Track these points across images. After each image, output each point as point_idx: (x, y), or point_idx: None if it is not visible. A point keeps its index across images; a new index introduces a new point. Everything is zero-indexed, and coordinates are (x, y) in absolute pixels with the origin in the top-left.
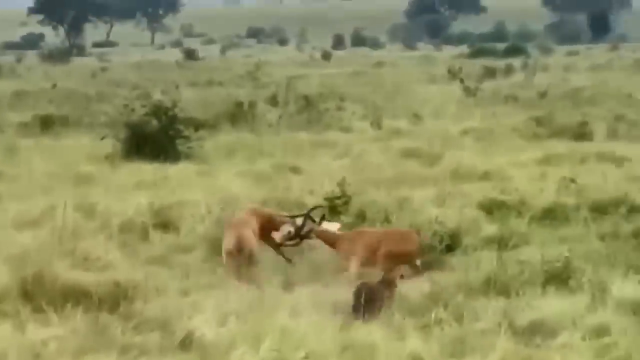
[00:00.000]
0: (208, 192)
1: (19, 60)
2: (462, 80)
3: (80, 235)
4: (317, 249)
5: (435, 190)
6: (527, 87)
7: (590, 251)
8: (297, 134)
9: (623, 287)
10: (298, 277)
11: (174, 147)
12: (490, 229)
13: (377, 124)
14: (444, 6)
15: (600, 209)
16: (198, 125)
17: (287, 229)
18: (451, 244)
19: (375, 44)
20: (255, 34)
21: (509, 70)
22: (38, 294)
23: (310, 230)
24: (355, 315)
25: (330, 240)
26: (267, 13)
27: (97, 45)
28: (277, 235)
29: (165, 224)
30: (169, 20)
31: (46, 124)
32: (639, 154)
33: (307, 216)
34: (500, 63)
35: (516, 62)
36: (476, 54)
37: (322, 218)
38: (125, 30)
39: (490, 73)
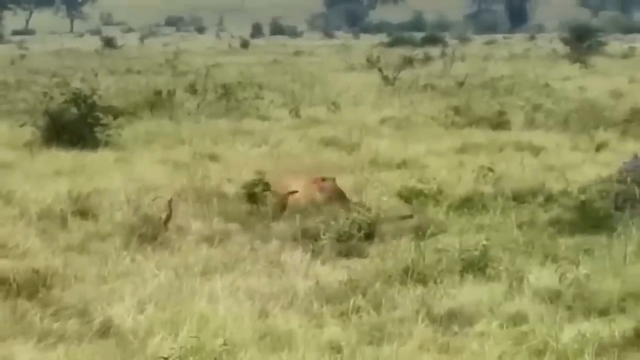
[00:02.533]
0: (126, 180)
1: None
2: (380, 69)
3: None
4: (233, 236)
5: (354, 179)
6: (445, 77)
7: (507, 240)
8: (216, 122)
9: (540, 276)
10: (216, 265)
11: (92, 134)
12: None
13: (295, 113)
14: None
15: (517, 198)
16: (117, 113)
17: None
18: (369, 232)
19: (294, 33)
20: (173, 22)
21: (427, 60)
22: None
23: None
24: None
25: None
26: (185, 2)
27: (16, 32)
28: None
29: (83, 212)
30: (88, 9)
31: None
32: (555, 144)
33: None
34: (418, 52)
35: (434, 51)
36: (394, 43)
37: None
38: (44, 18)
39: (408, 62)
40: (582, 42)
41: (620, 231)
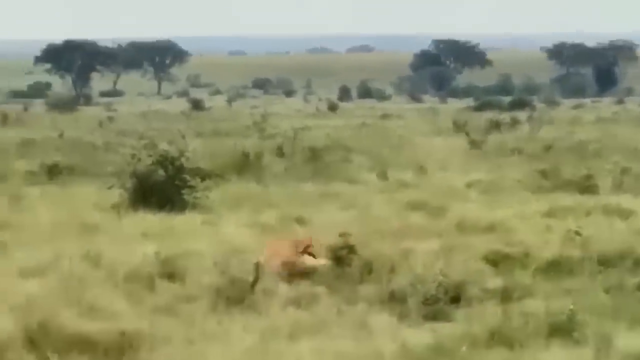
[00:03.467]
0: (213, 243)
1: (25, 108)
2: (467, 133)
3: (87, 284)
4: (320, 299)
5: (440, 243)
6: (532, 140)
7: (594, 304)
8: (303, 185)
9: (627, 340)
10: (302, 328)
11: (180, 197)
12: (494, 281)
13: (382, 176)
14: (449, 59)
15: (605, 262)
16: (204, 176)
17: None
18: (456, 295)
19: (382, 96)
20: (261, 84)
21: (514, 123)
22: (43, 343)
23: None
24: None
25: None
26: (273, 63)
27: (104, 94)
28: None
29: (171, 274)
30: (175, 70)
31: (53, 172)
32: None
33: None
34: (505, 116)
35: (522, 115)
36: (482, 106)
37: None
38: (132, 80)
39: (495, 126)
40: None
41: None
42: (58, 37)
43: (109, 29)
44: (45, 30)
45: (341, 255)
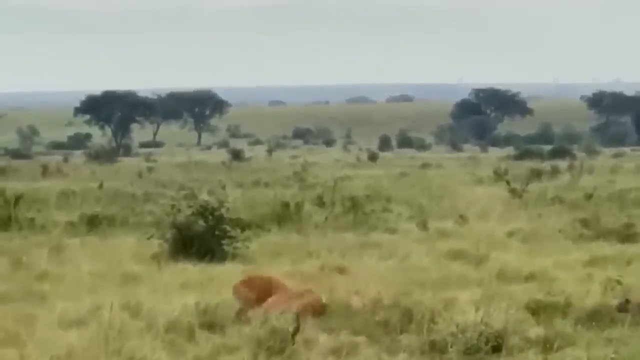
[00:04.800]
0: None
1: (65, 159)
2: (508, 182)
3: (127, 335)
4: (360, 349)
5: (481, 292)
6: (573, 189)
7: (636, 353)
8: (344, 234)
9: None
10: None
11: (220, 247)
12: (535, 330)
13: (423, 225)
14: (489, 108)
15: None
16: (245, 226)
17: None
18: (497, 345)
19: (422, 145)
20: (301, 134)
21: (555, 172)
22: None
23: None
24: None
25: None
26: (313, 113)
27: (143, 145)
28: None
29: (211, 324)
30: (215, 121)
31: (93, 223)
32: None
33: None
34: (546, 164)
35: (562, 163)
36: (522, 155)
37: None
38: (171, 130)
39: (536, 174)
40: None
41: None
42: (98, 87)
43: (148, 80)
44: (85, 81)
45: (383, 306)
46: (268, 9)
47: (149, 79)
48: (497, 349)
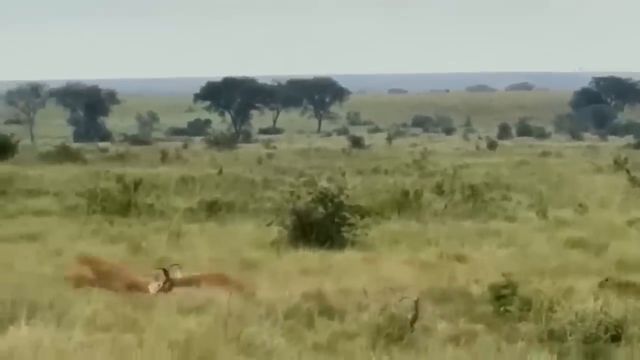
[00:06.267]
0: (373, 280)
1: (185, 145)
2: (628, 171)
3: (245, 321)
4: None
5: (601, 280)
6: None
7: None
8: (463, 222)
9: None
10: None
11: (339, 234)
12: None
13: (542, 214)
14: (610, 96)
15: None
16: (364, 213)
17: (155, 283)
18: (616, 334)
19: (541, 134)
20: (421, 122)
21: None
22: None
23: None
24: None
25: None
26: (433, 101)
27: (263, 131)
28: (152, 288)
29: (330, 311)
30: (335, 108)
31: (212, 209)
32: None
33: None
34: None
35: None
36: None
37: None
38: (291, 117)
39: None
40: None
41: None
42: (217, 74)
43: (268, 67)
44: (204, 68)
45: (503, 294)
46: None
47: (268, 66)
48: (616, 338)
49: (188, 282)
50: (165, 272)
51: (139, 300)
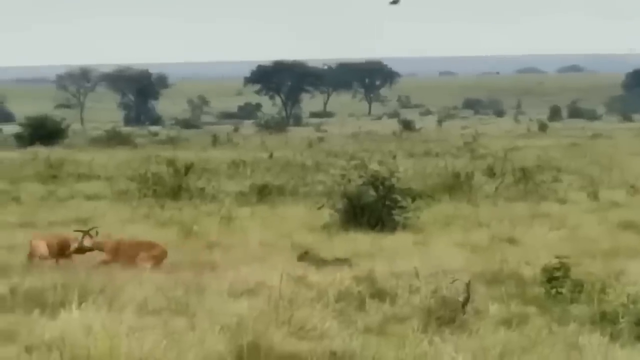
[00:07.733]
0: (424, 263)
1: (236, 129)
2: None
3: (297, 304)
4: (531, 319)
5: None
6: None
7: None
8: (514, 205)
9: None
10: (513, 348)
11: (390, 217)
12: None
13: (593, 196)
14: None
15: None
16: (415, 196)
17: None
18: None
19: (592, 116)
20: (472, 105)
21: None
22: None
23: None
24: None
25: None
26: (483, 84)
27: (314, 115)
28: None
29: (381, 294)
30: (386, 91)
31: (263, 193)
32: None
33: (87, 233)
34: None
35: None
36: None
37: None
38: (342, 101)
39: None
40: None
41: None
42: (268, 58)
43: (318, 50)
44: (255, 52)
45: (555, 276)
46: None
47: (319, 50)
48: None
49: (98, 246)
50: (86, 234)
51: (190, 283)
